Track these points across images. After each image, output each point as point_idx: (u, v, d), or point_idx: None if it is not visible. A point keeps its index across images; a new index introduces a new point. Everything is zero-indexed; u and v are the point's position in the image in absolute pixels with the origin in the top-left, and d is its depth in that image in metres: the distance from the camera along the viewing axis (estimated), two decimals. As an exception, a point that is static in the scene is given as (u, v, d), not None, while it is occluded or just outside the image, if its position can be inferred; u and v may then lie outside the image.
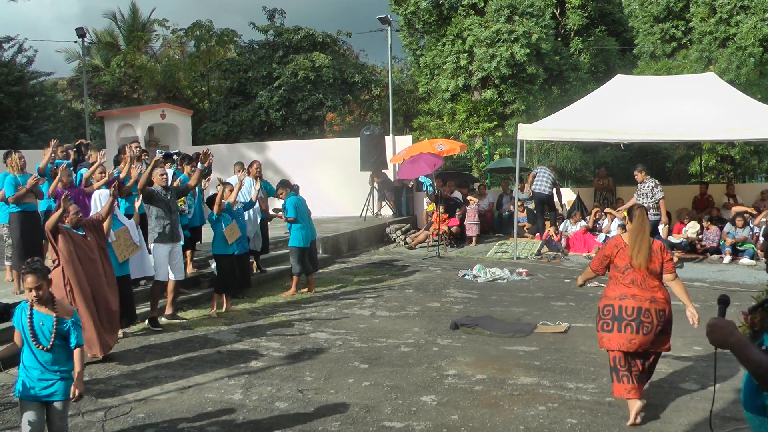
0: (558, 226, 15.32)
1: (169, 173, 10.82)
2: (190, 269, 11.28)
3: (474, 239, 16.05)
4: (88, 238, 7.22)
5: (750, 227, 13.69)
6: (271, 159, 20.10)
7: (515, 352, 7.59)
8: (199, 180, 9.82)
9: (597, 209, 15.69)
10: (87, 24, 25.69)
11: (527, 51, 22.68)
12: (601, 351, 6.15)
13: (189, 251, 11.12)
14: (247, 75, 26.46)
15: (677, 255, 13.91)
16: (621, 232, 7.26)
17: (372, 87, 28.90)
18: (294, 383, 6.64)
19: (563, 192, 17.45)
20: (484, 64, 23.27)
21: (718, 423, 5.43)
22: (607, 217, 15.05)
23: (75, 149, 10.76)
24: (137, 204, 8.70)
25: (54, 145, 9.87)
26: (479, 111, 24.53)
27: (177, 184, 9.96)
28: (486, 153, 22.19)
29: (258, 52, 27.54)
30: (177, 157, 11.65)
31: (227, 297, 9.87)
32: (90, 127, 23.00)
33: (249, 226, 10.97)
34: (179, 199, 10.13)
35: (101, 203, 8.30)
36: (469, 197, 16.83)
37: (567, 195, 17.89)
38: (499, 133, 23.60)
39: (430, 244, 15.59)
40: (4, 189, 9.52)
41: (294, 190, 11.32)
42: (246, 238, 10.63)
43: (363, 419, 5.71)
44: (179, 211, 10.25)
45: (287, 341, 8.17)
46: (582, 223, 15.15)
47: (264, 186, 11.74)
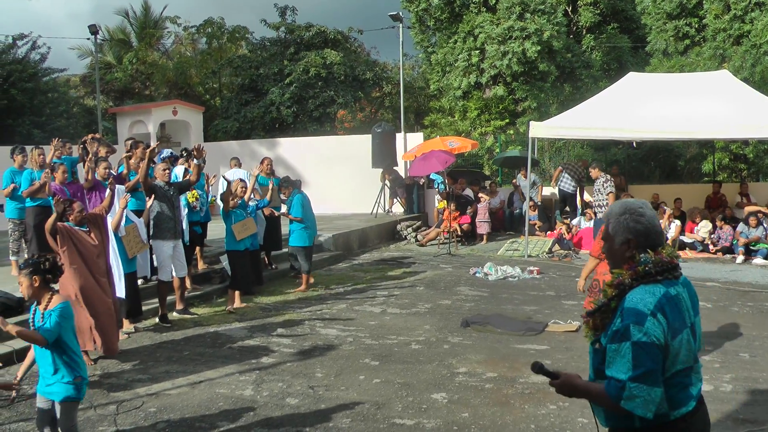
0: (569, 223, 15.26)
1: (180, 170, 10.86)
2: (201, 265, 11.32)
3: (485, 237, 16.02)
4: (91, 234, 7.21)
5: (763, 227, 13.59)
6: (282, 156, 20.12)
7: (526, 350, 7.57)
8: (199, 175, 9.74)
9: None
10: (99, 21, 25.76)
11: (539, 48, 22.63)
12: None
13: (198, 247, 11.14)
14: (259, 72, 26.48)
15: (690, 254, 13.85)
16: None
17: (383, 84, 28.89)
18: (305, 379, 6.65)
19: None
20: (495, 61, 23.24)
21: (730, 425, 5.40)
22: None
23: (81, 146, 10.73)
24: (149, 203, 8.69)
25: (57, 145, 9.91)
26: (491, 108, 24.51)
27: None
28: (497, 151, 22.12)
29: (269, 49, 27.54)
30: (184, 153, 11.59)
31: (240, 293, 9.88)
32: (102, 124, 23.07)
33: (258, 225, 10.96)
34: (191, 196, 10.15)
35: (116, 198, 8.27)
36: (481, 195, 16.81)
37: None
38: (511, 131, 23.55)
39: (441, 241, 15.57)
40: (21, 183, 9.61)
41: (297, 186, 11.25)
42: (256, 235, 10.61)
43: (373, 416, 5.71)
44: (191, 208, 10.28)
45: (298, 338, 8.18)
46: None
47: (273, 182, 11.70)
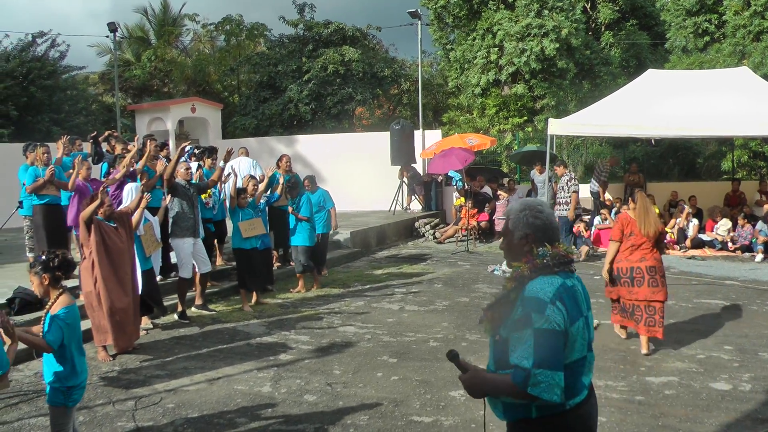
0: (587, 222, 15.18)
1: (194, 166, 10.91)
2: (219, 261, 11.38)
3: (503, 234, 15.92)
4: (119, 230, 7.31)
5: (783, 225, 13.46)
6: (301, 153, 20.19)
7: (544, 348, 7.53)
8: (220, 177, 9.90)
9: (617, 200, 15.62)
10: (118, 19, 26.05)
11: (557, 45, 22.53)
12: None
13: (218, 244, 11.21)
14: (277, 69, 26.54)
15: (709, 252, 13.74)
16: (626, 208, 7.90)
17: (401, 81, 28.88)
18: (322, 376, 6.67)
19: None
20: (514, 58, 23.17)
21: (749, 424, 5.36)
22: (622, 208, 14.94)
23: (91, 141, 10.73)
24: (164, 202, 8.73)
25: (65, 142, 9.97)
26: (509, 106, 24.45)
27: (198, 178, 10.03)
28: (515, 148, 22.05)
29: (288, 46, 27.59)
30: (197, 151, 11.60)
31: (250, 292, 9.76)
32: (121, 121, 23.28)
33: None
34: (204, 194, 10.18)
35: (133, 196, 8.33)
36: (499, 192, 16.77)
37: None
38: (529, 128, 23.49)
39: (459, 239, 15.56)
40: (26, 180, 9.63)
41: (313, 184, 11.14)
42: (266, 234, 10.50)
43: (391, 413, 5.72)
44: (204, 205, 10.32)
45: (316, 335, 8.21)
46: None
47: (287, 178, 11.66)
